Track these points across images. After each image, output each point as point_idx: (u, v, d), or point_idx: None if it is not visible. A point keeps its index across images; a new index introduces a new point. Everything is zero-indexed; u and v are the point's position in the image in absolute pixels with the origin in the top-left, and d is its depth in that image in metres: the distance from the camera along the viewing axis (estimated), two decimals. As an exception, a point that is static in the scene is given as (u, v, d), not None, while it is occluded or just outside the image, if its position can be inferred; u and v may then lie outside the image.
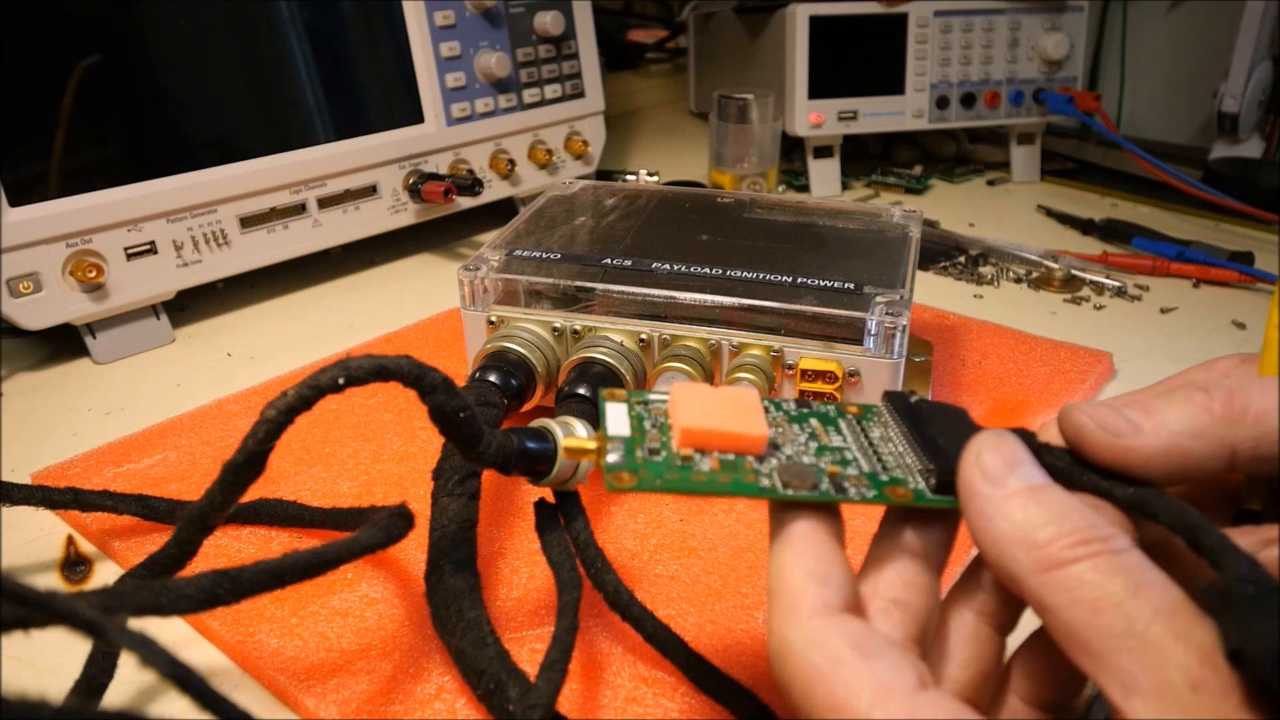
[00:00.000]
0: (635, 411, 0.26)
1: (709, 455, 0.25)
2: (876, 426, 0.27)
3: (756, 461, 0.25)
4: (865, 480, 0.25)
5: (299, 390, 0.25)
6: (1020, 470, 0.23)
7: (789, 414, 0.27)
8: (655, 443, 0.25)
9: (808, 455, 0.25)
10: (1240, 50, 0.82)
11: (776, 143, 0.82)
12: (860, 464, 0.25)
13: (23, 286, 0.52)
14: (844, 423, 0.27)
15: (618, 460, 0.24)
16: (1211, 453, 0.24)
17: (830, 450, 0.26)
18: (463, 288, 0.46)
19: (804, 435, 0.26)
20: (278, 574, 0.26)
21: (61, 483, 0.41)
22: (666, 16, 1.37)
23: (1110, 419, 0.24)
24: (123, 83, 0.55)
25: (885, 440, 0.27)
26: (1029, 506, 0.22)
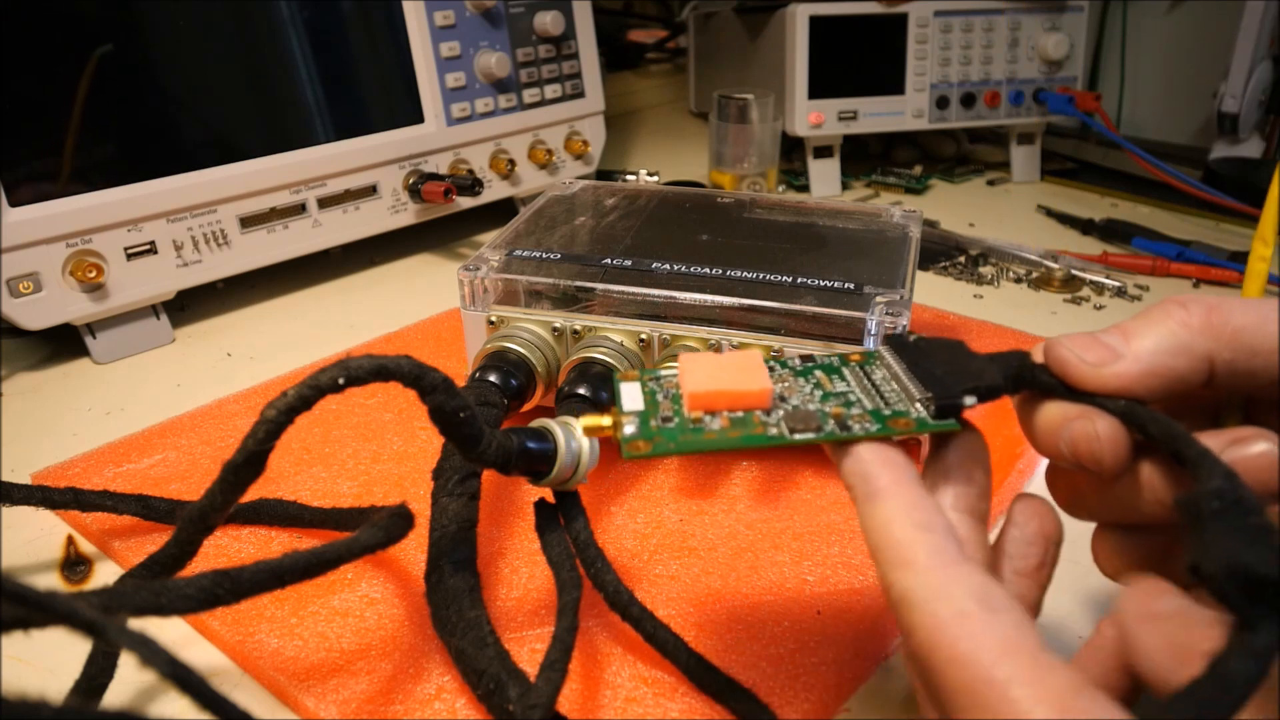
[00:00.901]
0: (648, 388, 0.28)
1: (719, 415, 0.26)
2: (879, 369, 0.28)
3: (764, 415, 0.26)
4: (869, 416, 0.26)
5: (299, 390, 0.26)
6: None
7: (794, 370, 0.29)
8: (668, 411, 0.27)
9: (813, 403, 0.27)
10: (1240, 50, 0.82)
11: (776, 143, 0.82)
12: (864, 403, 0.27)
13: (23, 286, 0.52)
14: (847, 370, 0.28)
15: (634, 431, 0.26)
16: (1192, 367, 0.25)
17: (834, 396, 0.27)
18: (463, 288, 0.46)
19: (809, 386, 0.28)
20: (278, 574, 0.26)
21: (61, 483, 0.41)
22: (666, 16, 1.37)
23: (1091, 349, 0.25)
24: (123, 83, 0.55)
25: (887, 380, 0.28)
26: None
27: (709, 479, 0.44)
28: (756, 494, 0.42)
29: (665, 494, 0.43)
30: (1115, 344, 0.25)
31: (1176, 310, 0.25)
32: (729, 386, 0.26)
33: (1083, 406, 0.25)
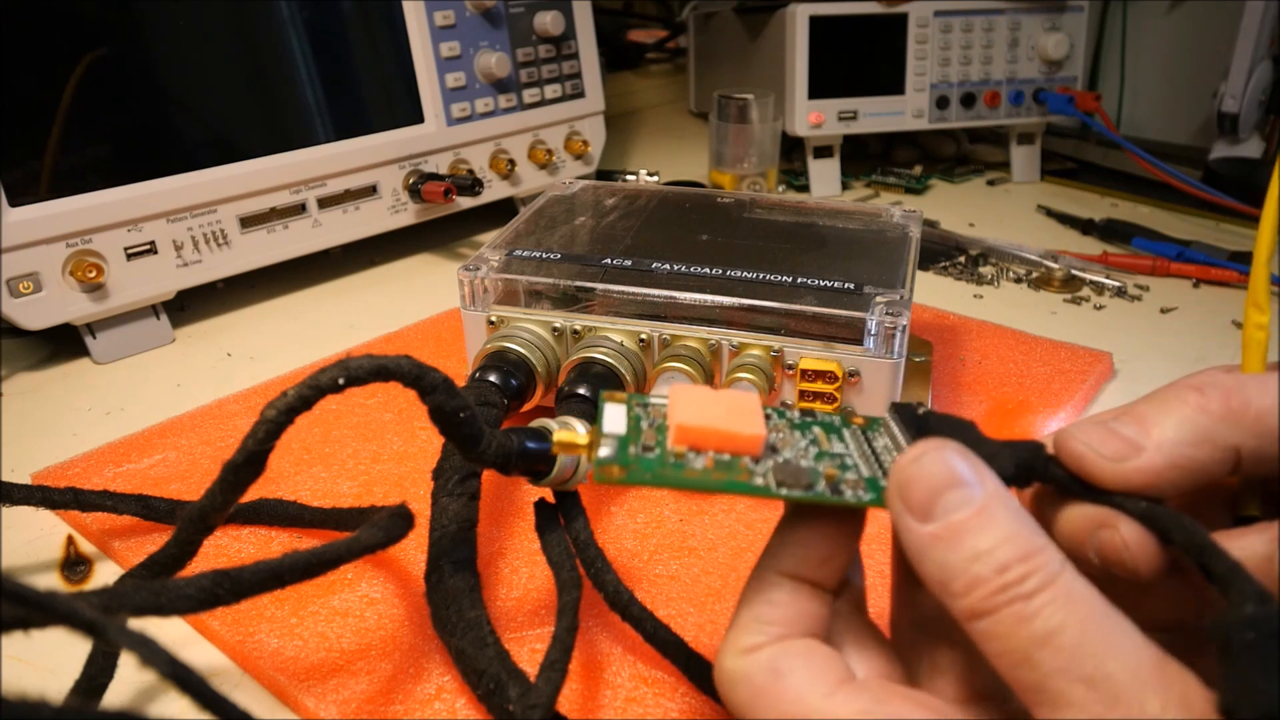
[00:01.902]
0: (634, 413, 0.26)
1: (704, 454, 0.25)
2: (881, 436, 0.27)
3: (752, 462, 0.25)
4: (863, 484, 0.24)
5: (299, 390, 0.25)
6: (944, 500, 0.21)
7: (791, 421, 0.27)
8: (650, 441, 0.25)
9: (806, 459, 0.25)
10: (1240, 50, 0.82)
11: (776, 143, 0.82)
12: (860, 469, 0.25)
13: (23, 286, 0.52)
14: (848, 432, 0.27)
15: (609, 454, 0.24)
16: (1217, 458, 0.23)
17: (830, 456, 0.25)
18: (463, 288, 0.46)
19: (805, 440, 0.26)
20: (278, 574, 0.26)
21: (61, 483, 0.41)
22: (666, 16, 1.37)
23: (1109, 443, 0.23)
24: (123, 83, 0.55)
25: (888, 450, 0.26)
26: (947, 552, 0.21)
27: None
28: (757, 497, 0.42)
29: (665, 494, 0.43)
30: (1133, 435, 0.23)
31: (1192, 395, 0.23)
32: (721, 426, 0.24)
33: (1104, 510, 0.23)
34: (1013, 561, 0.20)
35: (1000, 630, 0.20)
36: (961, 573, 0.20)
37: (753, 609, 0.24)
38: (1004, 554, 0.20)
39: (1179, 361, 0.56)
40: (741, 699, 0.22)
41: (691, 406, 0.25)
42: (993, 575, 0.20)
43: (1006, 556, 0.20)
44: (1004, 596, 0.20)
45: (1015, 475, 0.24)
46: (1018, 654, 0.19)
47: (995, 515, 0.21)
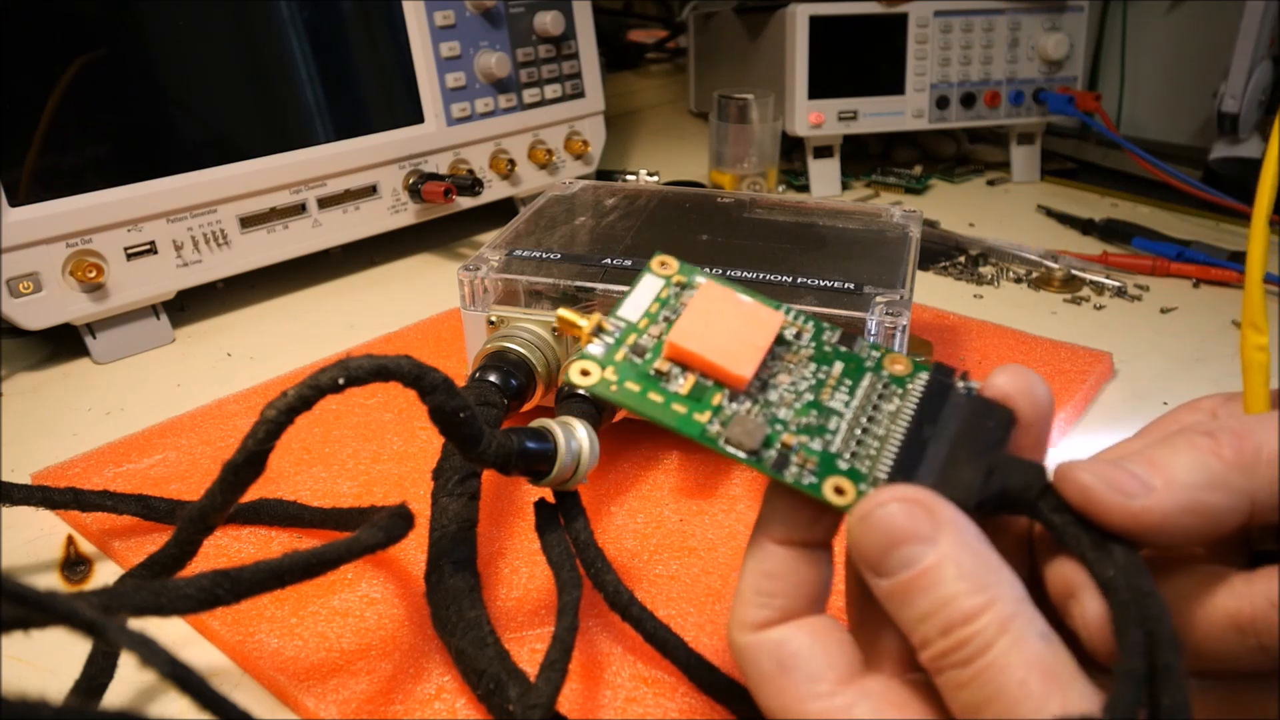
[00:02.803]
0: (664, 295, 0.26)
1: (687, 373, 0.24)
2: (896, 398, 0.25)
3: (729, 398, 0.24)
4: (815, 462, 0.23)
5: (299, 390, 0.26)
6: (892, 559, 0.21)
7: (815, 351, 0.25)
8: (650, 341, 0.25)
9: (786, 408, 0.24)
10: (1240, 50, 0.82)
11: (776, 143, 0.82)
12: (833, 440, 0.24)
13: (23, 286, 0.52)
14: (867, 381, 0.25)
15: (597, 351, 0.25)
16: (1231, 504, 0.22)
17: (818, 412, 0.24)
18: (463, 288, 0.46)
19: (807, 381, 0.25)
20: (278, 574, 0.26)
21: (61, 483, 0.41)
22: (666, 16, 1.37)
23: (1119, 478, 0.22)
24: (123, 82, 0.55)
25: (892, 418, 0.24)
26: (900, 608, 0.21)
27: (709, 479, 0.44)
28: (757, 494, 0.42)
29: (665, 494, 0.43)
30: (1142, 474, 0.22)
31: (1204, 441, 0.22)
32: (710, 356, 0.24)
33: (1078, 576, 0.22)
34: (955, 625, 0.20)
35: (948, 686, 0.21)
36: (912, 631, 0.21)
37: (752, 580, 0.24)
38: (947, 616, 0.20)
39: (1179, 361, 0.56)
40: (751, 680, 0.23)
41: (700, 321, 0.25)
42: (937, 637, 0.21)
43: (950, 619, 0.20)
44: (945, 661, 0.20)
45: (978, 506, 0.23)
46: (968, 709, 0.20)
47: (942, 575, 0.21)
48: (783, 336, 0.25)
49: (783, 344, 0.25)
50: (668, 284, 0.26)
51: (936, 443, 0.23)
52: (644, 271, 0.26)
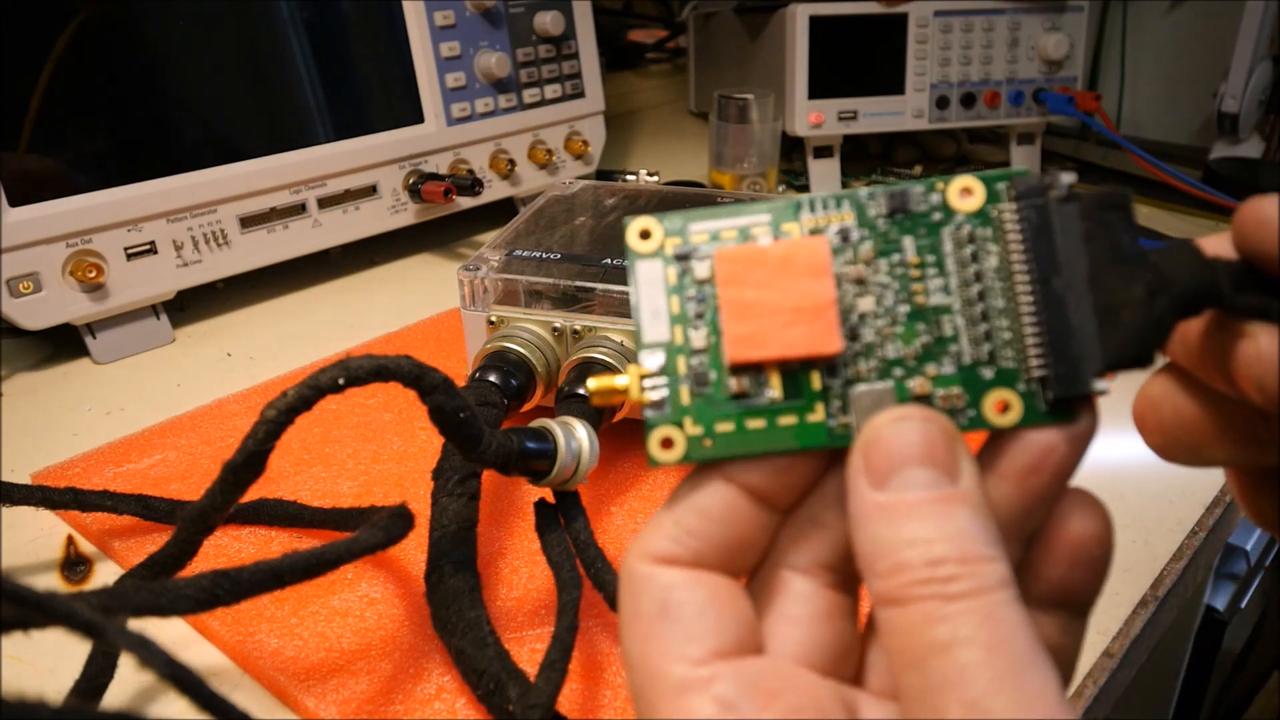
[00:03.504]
0: (673, 280, 0.20)
1: (767, 372, 0.20)
2: (993, 252, 0.20)
3: (828, 373, 0.20)
4: (962, 393, 0.20)
5: (299, 390, 0.26)
6: (906, 475, 0.18)
7: (874, 242, 0.20)
8: (704, 359, 0.20)
9: (893, 343, 0.20)
10: (1240, 50, 0.82)
11: (776, 143, 0.82)
12: (963, 347, 0.20)
13: (23, 286, 0.52)
14: (948, 244, 0.20)
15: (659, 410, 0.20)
16: None
17: (927, 319, 0.20)
18: (463, 288, 0.46)
19: (892, 290, 0.20)
20: (278, 574, 0.26)
21: (61, 483, 0.41)
22: (666, 16, 1.37)
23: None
24: (123, 82, 0.55)
25: (1005, 277, 0.20)
26: (886, 527, 0.18)
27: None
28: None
29: (665, 493, 0.42)
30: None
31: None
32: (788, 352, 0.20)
33: None
34: (948, 559, 0.17)
35: (906, 624, 0.17)
36: (891, 553, 0.18)
37: (677, 511, 0.20)
38: (942, 549, 0.17)
39: (1179, 361, 0.56)
40: (625, 613, 0.19)
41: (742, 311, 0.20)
42: (921, 566, 0.17)
43: (944, 552, 0.17)
44: (923, 590, 0.17)
45: (1181, 317, 0.19)
46: (914, 654, 0.17)
47: (952, 511, 0.18)
48: (832, 243, 0.20)
49: (838, 253, 0.20)
50: (667, 262, 0.21)
51: (1075, 294, 0.19)
52: (633, 260, 0.21)
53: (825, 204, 0.20)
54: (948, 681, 0.16)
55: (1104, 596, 0.22)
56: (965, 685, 0.16)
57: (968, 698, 0.16)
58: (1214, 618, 0.75)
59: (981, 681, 0.16)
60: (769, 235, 0.20)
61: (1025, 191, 0.20)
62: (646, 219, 0.21)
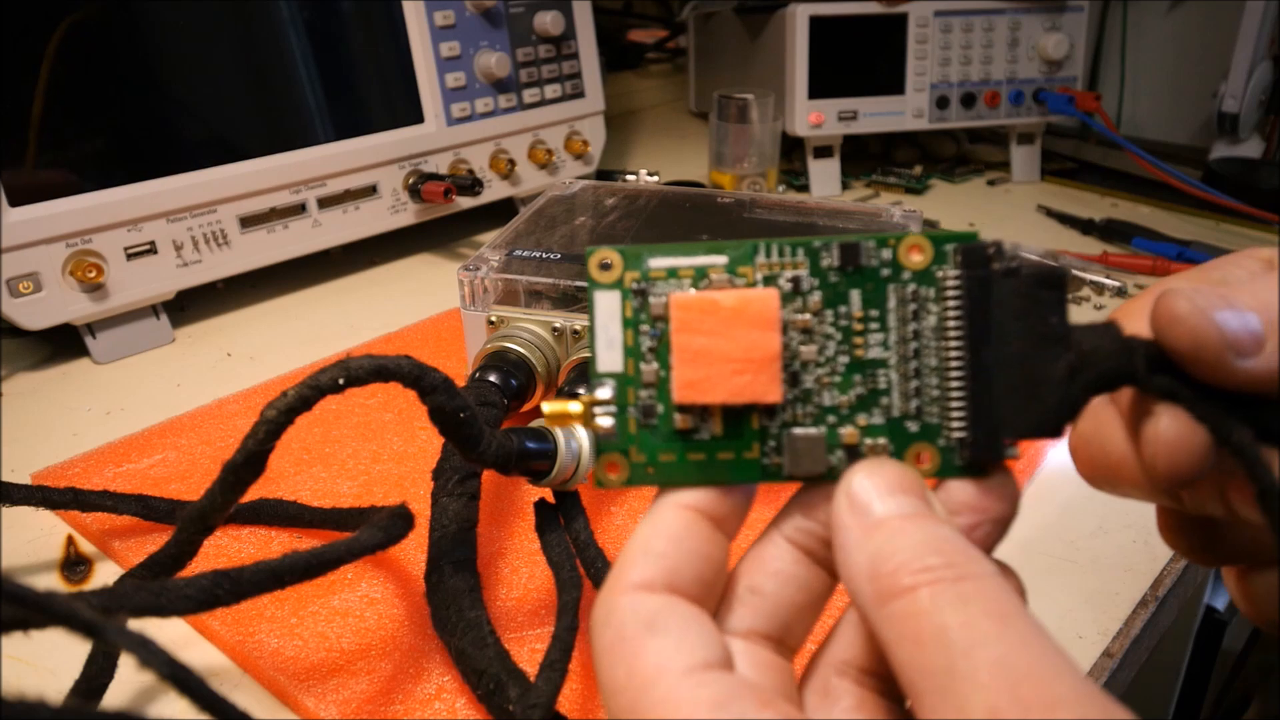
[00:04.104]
0: (629, 314, 0.21)
1: (710, 416, 0.21)
2: (933, 311, 0.21)
3: (766, 415, 0.21)
4: (887, 444, 0.21)
5: (299, 390, 0.25)
6: (892, 500, 0.20)
7: (823, 293, 0.21)
8: (652, 394, 0.21)
9: (830, 391, 0.21)
10: (1240, 50, 0.82)
11: (776, 143, 0.82)
12: (894, 400, 0.21)
13: (23, 286, 0.52)
14: (892, 300, 0.21)
15: (608, 436, 0.21)
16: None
17: (864, 371, 0.21)
18: (463, 288, 0.46)
19: (834, 340, 0.21)
20: (278, 574, 0.26)
21: (61, 483, 0.41)
22: (666, 16, 1.37)
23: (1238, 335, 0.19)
24: (123, 82, 0.55)
25: (939, 336, 0.21)
26: (888, 537, 0.19)
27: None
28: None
29: (665, 494, 0.43)
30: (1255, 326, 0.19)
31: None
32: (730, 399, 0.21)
33: None
34: (948, 550, 0.18)
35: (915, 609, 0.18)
36: (891, 556, 0.19)
37: (641, 539, 0.21)
38: (939, 546, 0.19)
39: (1179, 361, 0.56)
40: (605, 641, 0.20)
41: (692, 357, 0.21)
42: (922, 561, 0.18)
43: (941, 548, 0.19)
44: (928, 576, 0.18)
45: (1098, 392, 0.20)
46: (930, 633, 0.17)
47: (938, 524, 0.19)
48: (783, 290, 0.21)
49: (787, 300, 0.21)
50: (625, 296, 0.21)
51: (1001, 365, 0.20)
52: (592, 290, 0.21)
53: (780, 251, 0.21)
54: (975, 648, 0.17)
55: (1104, 596, 0.22)
56: (992, 648, 0.17)
57: (993, 657, 0.16)
58: (1214, 618, 0.75)
59: (1004, 644, 0.17)
60: (724, 276, 0.21)
61: (969, 260, 0.21)
62: (608, 250, 0.22)
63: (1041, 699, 0.16)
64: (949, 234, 0.21)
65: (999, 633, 0.17)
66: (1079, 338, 0.20)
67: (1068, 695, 0.16)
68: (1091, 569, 0.40)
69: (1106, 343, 0.20)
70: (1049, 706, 0.16)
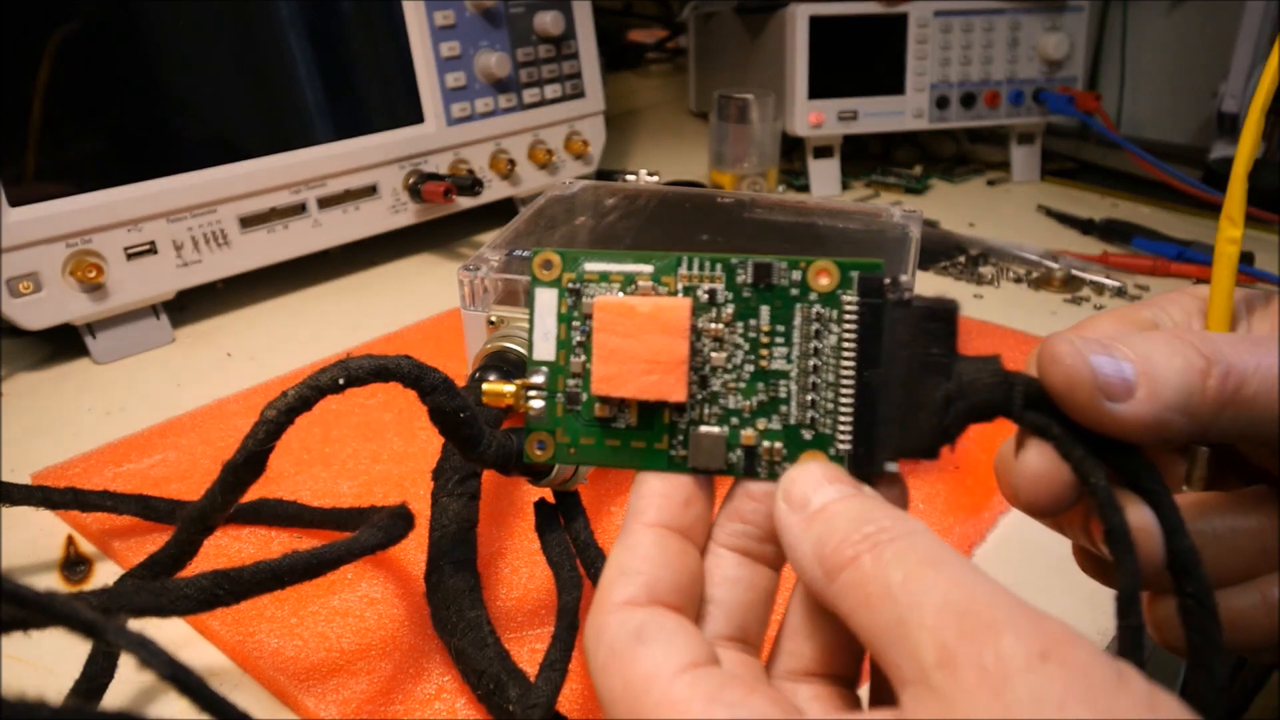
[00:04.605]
0: (564, 310, 0.24)
1: (627, 408, 0.24)
2: (833, 329, 0.23)
3: (676, 411, 0.24)
4: (782, 450, 0.23)
5: (299, 390, 0.26)
6: (824, 490, 0.21)
7: (736, 305, 0.23)
8: (578, 370, 0.24)
9: (734, 395, 0.23)
10: (1240, 50, 0.82)
11: (776, 143, 0.82)
12: (791, 409, 0.23)
13: (23, 286, 0.52)
14: (798, 318, 0.23)
15: (538, 413, 0.24)
16: (1187, 433, 0.21)
17: (767, 380, 0.23)
18: (463, 288, 0.46)
19: (742, 350, 0.23)
20: (278, 574, 0.26)
21: (61, 483, 0.41)
22: (666, 16, 1.37)
23: (1110, 379, 0.21)
24: (123, 82, 0.55)
25: (837, 354, 0.23)
26: (825, 521, 0.21)
27: (709, 479, 0.44)
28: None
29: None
30: (1128, 373, 0.21)
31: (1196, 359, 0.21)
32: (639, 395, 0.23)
33: None
34: (879, 517, 0.20)
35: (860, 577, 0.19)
36: (831, 536, 0.20)
37: (616, 561, 0.22)
38: (873, 517, 0.20)
39: (1179, 361, 0.56)
40: (599, 659, 0.21)
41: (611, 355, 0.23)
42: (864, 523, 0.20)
43: (875, 520, 0.20)
44: (866, 544, 0.20)
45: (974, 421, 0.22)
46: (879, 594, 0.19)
47: (869, 500, 0.21)
48: (699, 301, 0.23)
49: (703, 310, 0.23)
50: (562, 294, 0.24)
51: (887, 388, 0.22)
52: (533, 286, 0.24)
53: (701, 264, 0.24)
54: (918, 596, 0.18)
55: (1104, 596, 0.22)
56: (933, 592, 0.18)
57: (936, 601, 0.18)
58: (1214, 618, 0.75)
59: (942, 586, 0.18)
60: (649, 284, 0.24)
61: (866, 289, 0.22)
62: (549, 252, 0.24)
63: (982, 626, 0.17)
64: (855, 262, 0.23)
65: (935, 577, 0.18)
66: (961, 369, 0.22)
67: (1003, 618, 0.17)
68: (1091, 569, 0.40)
69: (985, 376, 0.22)
70: (990, 629, 0.17)
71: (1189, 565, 0.21)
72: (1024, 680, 0.16)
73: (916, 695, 0.17)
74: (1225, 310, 0.26)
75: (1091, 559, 0.27)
